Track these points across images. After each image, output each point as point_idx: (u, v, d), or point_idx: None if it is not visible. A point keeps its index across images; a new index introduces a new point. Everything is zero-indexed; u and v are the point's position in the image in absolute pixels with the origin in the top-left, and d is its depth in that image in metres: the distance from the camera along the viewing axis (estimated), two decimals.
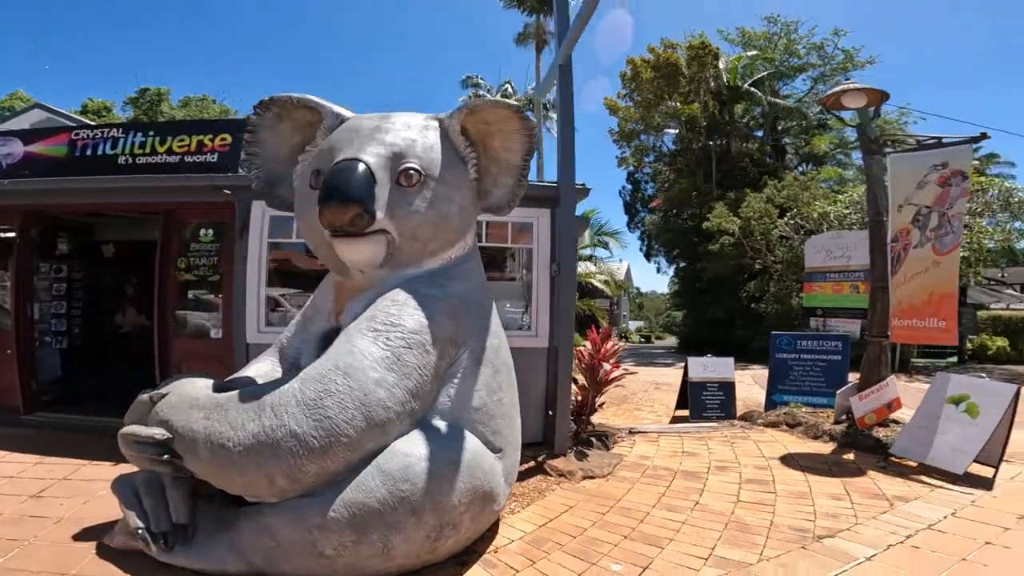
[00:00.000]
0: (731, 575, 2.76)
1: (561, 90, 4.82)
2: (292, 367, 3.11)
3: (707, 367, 7.07)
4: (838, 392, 6.11)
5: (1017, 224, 12.10)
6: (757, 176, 17.96)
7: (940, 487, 4.12)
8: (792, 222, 13.35)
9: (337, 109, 3.12)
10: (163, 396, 2.60)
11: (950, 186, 5.58)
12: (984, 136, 5.47)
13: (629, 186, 25.23)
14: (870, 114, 6.06)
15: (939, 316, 5.70)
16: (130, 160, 5.15)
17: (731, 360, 7.26)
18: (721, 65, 18.83)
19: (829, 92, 6.16)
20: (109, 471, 3.86)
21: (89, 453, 4.41)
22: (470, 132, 3.15)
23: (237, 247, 4.79)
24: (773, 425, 6.17)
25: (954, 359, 13.70)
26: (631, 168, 23.11)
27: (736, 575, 2.76)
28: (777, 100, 19.06)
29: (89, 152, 5.23)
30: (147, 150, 5.13)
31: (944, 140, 5.68)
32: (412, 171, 2.76)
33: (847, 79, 18.61)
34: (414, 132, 2.92)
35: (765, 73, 19.22)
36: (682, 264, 21.76)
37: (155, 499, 2.55)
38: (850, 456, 5.02)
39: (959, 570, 2.77)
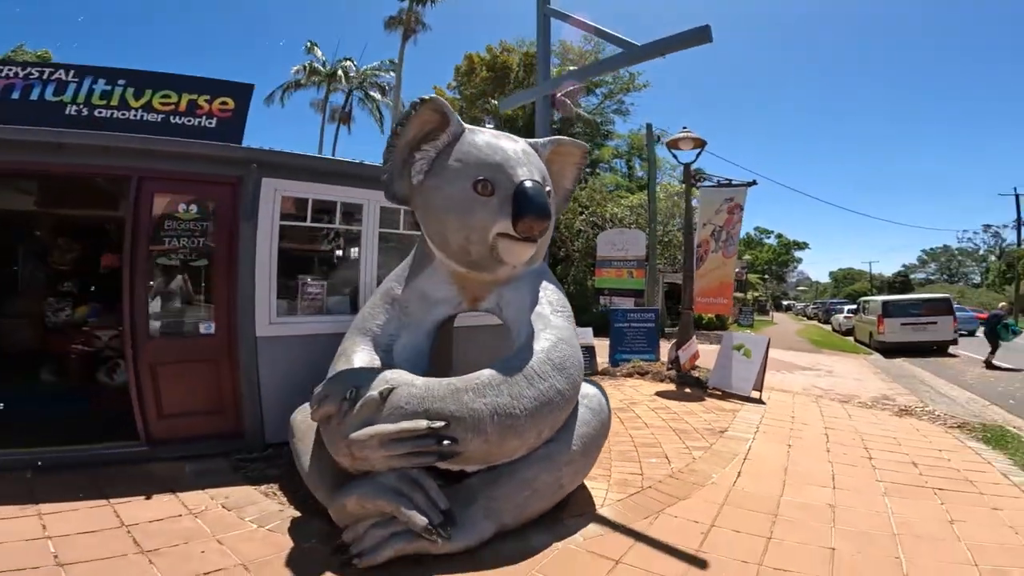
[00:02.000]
0: (708, 451, 4.58)
1: (540, 120, 5.85)
2: (386, 353, 3.47)
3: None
4: (669, 348, 8.78)
5: None
6: None
7: (744, 404, 6.78)
8: (589, 219, 16.75)
9: (459, 118, 3.55)
10: (390, 391, 2.72)
11: (733, 214, 8.63)
12: (754, 183, 8.58)
13: None
14: (694, 156, 8.72)
15: (723, 296, 8.81)
16: (84, 111, 4.09)
17: (591, 329, 9.40)
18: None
19: (671, 137, 8.65)
20: (149, 507, 3.31)
21: (68, 492, 3.39)
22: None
23: (244, 229, 4.25)
24: (629, 375, 8.49)
25: None
26: None
27: (711, 450, 4.61)
28: (581, 111, 22.72)
29: (16, 95, 3.98)
30: (113, 102, 4.14)
31: (733, 182, 8.70)
32: (551, 192, 3.65)
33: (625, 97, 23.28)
34: (539, 158, 3.74)
35: (578, 86, 22.66)
36: None
37: (423, 494, 2.59)
38: (688, 390, 7.54)
39: (795, 441, 5.14)
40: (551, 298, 3.51)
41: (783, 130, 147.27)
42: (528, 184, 3.26)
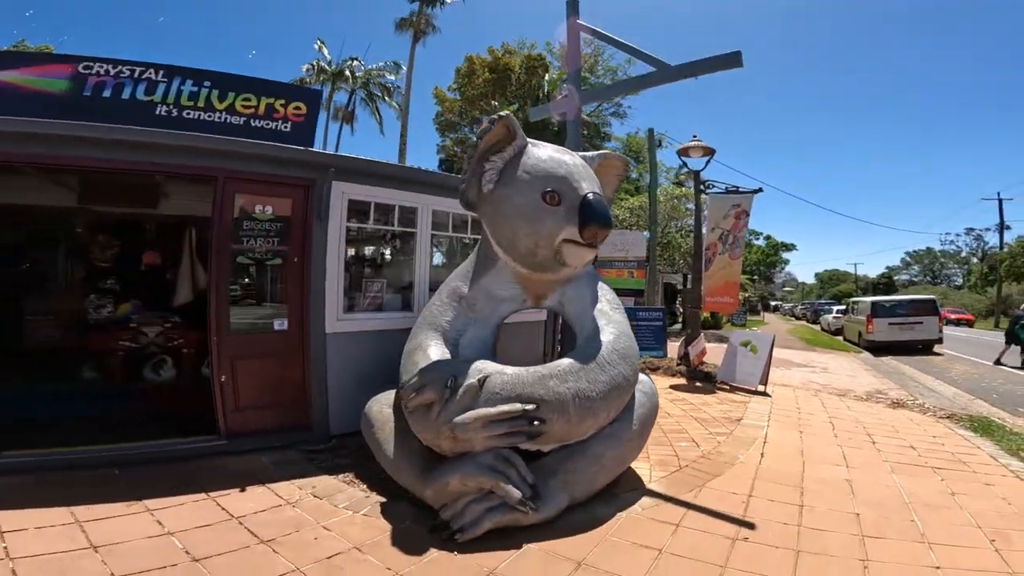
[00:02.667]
0: (729, 437, 5.08)
1: (572, 132, 6.24)
2: (453, 347, 3.81)
3: None
4: (679, 344, 9.29)
5: None
6: None
7: (751, 396, 7.30)
8: None
9: (523, 132, 3.91)
10: (485, 379, 3.11)
11: (740, 219, 9.15)
12: (759, 190, 9.11)
13: (441, 171, 26.82)
14: (703, 165, 9.21)
15: (729, 295, 9.35)
16: (173, 112, 4.30)
17: None
18: (546, 77, 21.91)
19: (683, 145, 9.13)
20: (247, 499, 3.45)
21: (164, 487, 3.50)
22: None
23: (316, 230, 4.52)
24: (641, 371, 8.97)
25: (679, 325, 19.78)
26: (443, 156, 24.62)
27: (732, 436, 5.12)
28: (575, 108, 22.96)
29: (108, 93, 4.16)
30: (200, 103, 4.36)
31: (740, 189, 9.21)
32: None
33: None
34: None
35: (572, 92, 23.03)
36: None
37: (515, 470, 2.99)
38: (699, 384, 8.05)
39: (805, 428, 5.67)
40: (608, 297, 3.98)
41: (772, 132, 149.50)
42: (591, 196, 3.66)
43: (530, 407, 3.05)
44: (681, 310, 21.94)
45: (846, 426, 5.81)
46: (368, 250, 5.33)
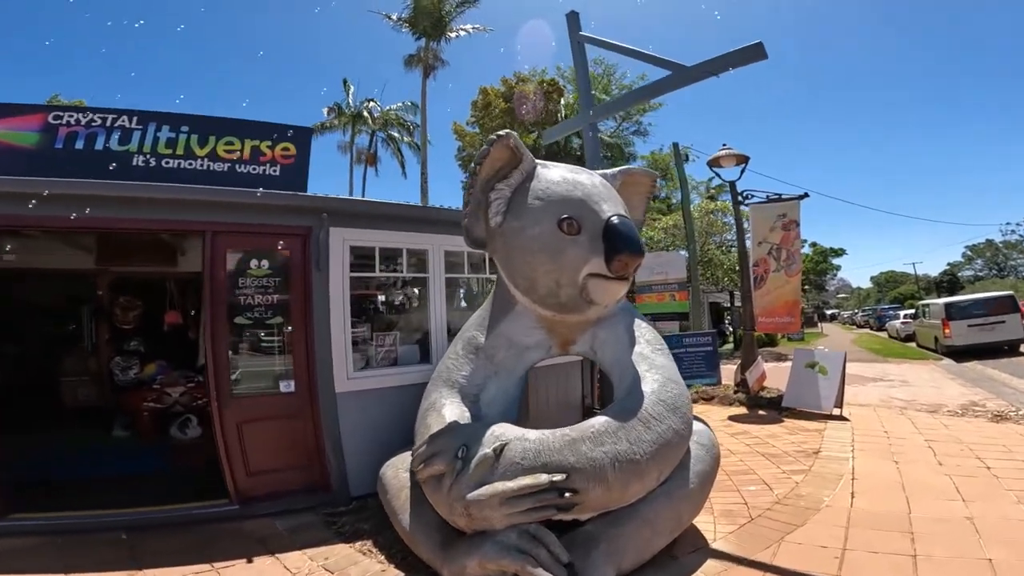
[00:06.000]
0: (808, 474, 4.34)
1: (590, 152, 5.91)
2: (473, 403, 3.34)
3: None
4: (735, 370, 8.48)
5: None
6: None
7: (826, 422, 6.39)
8: None
9: (530, 154, 3.44)
10: (503, 447, 2.64)
11: (790, 230, 8.36)
12: (805, 195, 8.37)
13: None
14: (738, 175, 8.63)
15: (790, 315, 8.48)
16: (151, 162, 4.03)
17: None
18: (562, 101, 21.96)
19: (713, 155, 8.61)
20: (253, 571, 3.19)
21: (168, 556, 3.31)
22: None
23: (316, 282, 4.17)
24: (694, 402, 8.20)
25: (731, 346, 18.62)
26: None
27: (812, 473, 4.38)
28: (601, 134, 22.85)
29: (81, 144, 3.89)
30: (179, 151, 4.10)
31: (783, 196, 8.51)
32: None
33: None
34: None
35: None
36: None
37: (545, 549, 2.51)
38: (762, 412, 7.21)
39: (899, 456, 4.84)
40: (648, 336, 3.45)
41: (808, 136, 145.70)
42: (616, 220, 3.10)
43: (558, 477, 2.53)
44: (731, 329, 20.79)
45: (948, 449, 4.93)
46: (378, 300, 4.99)
